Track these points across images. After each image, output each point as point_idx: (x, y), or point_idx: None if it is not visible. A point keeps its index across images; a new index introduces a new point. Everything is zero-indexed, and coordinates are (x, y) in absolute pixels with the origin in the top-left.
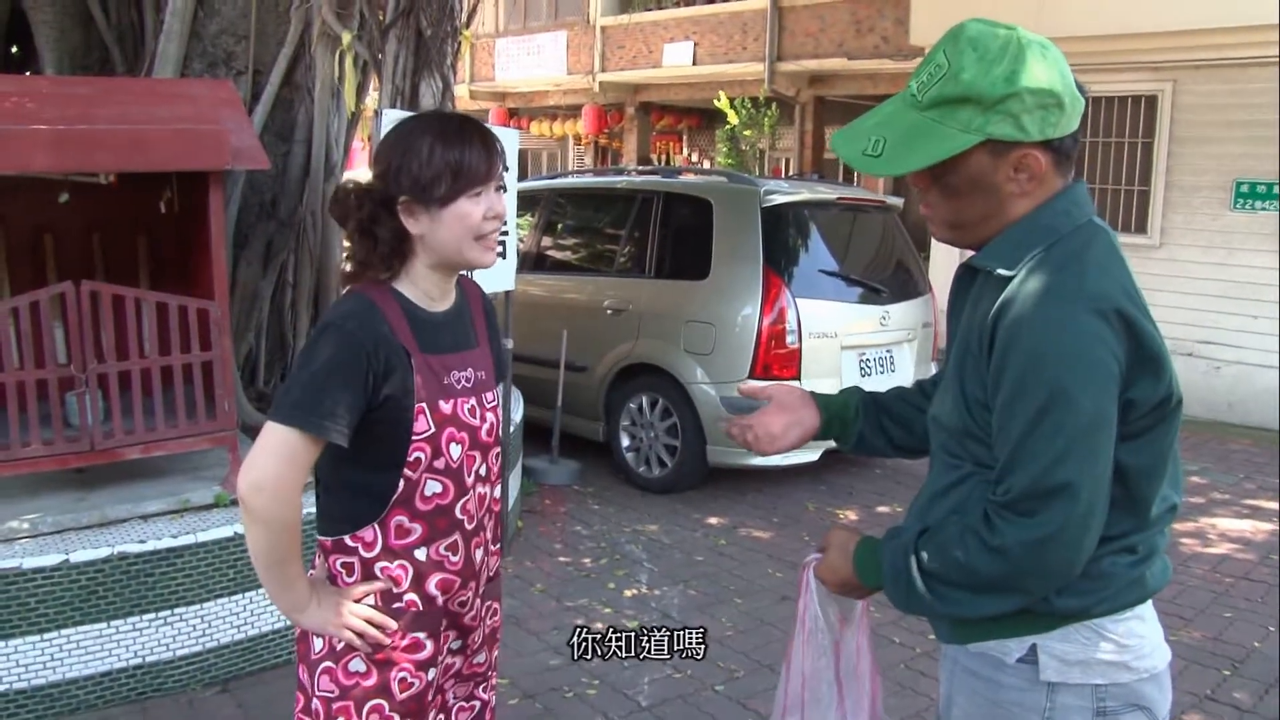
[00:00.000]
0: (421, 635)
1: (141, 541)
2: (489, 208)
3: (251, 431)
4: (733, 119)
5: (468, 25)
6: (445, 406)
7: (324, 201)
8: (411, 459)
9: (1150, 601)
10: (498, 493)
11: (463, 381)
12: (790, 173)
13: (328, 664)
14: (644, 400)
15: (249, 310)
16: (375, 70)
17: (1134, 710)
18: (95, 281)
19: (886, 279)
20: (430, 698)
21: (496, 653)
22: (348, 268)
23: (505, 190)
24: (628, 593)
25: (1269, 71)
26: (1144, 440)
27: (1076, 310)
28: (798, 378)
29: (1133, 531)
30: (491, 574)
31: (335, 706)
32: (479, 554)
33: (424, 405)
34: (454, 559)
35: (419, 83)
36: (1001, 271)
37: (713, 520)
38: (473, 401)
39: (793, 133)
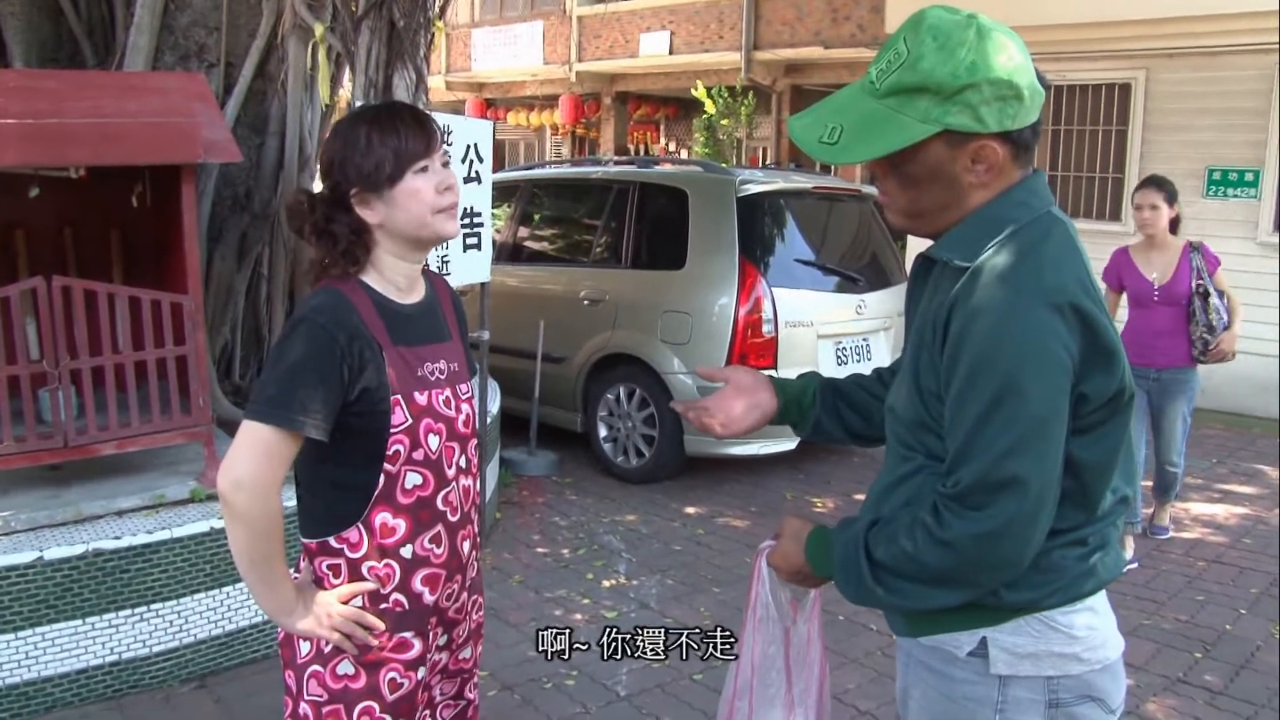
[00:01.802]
0: (409, 635)
1: (117, 538)
2: (439, 180)
3: (227, 426)
4: (710, 108)
5: (440, 16)
6: (420, 398)
7: None
8: (390, 451)
9: (1103, 593)
10: (478, 485)
11: (436, 373)
12: (767, 162)
13: (315, 667)
14: (621, 390)
15: (224, 304)
16: (348, 62)
17: (1087, 701)
18: (67, 277)
19: (862, 268)
20: (420, 695)
21: (480, 649)
22: (311, 271)
23: (486, 177)
24: (606, 583)
25: (1241, 59)
26: (1097, 435)
27: (1031, 303)
28: (774, 367)
29: (1083, 525)
30: (479, 569)
31: (325, 710)
32: (465, 546)
33: (399, 397)
34: (439, 551)
35: (392, 74)
36: (957, 262)
37: (691, 510)
38: (447, 393)
39: (770, 122)
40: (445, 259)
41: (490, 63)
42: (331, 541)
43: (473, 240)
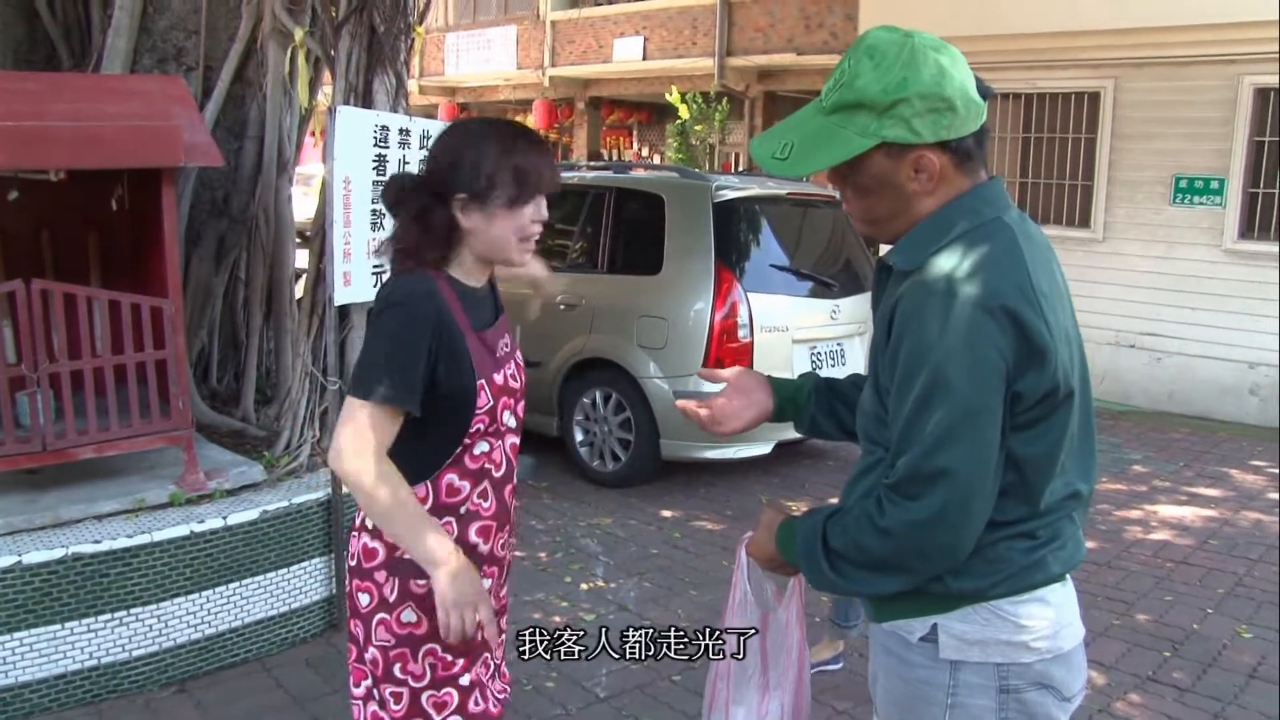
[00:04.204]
0: None
1: (96, 542)
2: (535, 211)
3: (205, 431)
4: (684, 114)
5: (421, 21)
6: (498, 378)
7: (277, 198)
8: (473, 430)
9: (1061, 584)
10: (518, 437)
11: (503, 349)
12: (740, 168)
13: (382, 615)
14: (597, 395)
15: (201, 308)
16: (328, 66)
17: (1039, 689)
18: (46, 280)
19: (836, 273)
20: (477, 636)
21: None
22: (396, 249)
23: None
24: (584, 586)
25: (1207, 69)
26: (1036, 431)
27: (964, 305)
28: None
29: (1028, 518)
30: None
31: (393, 654)
32: (508, 496)
33: (483, 381)
34: (486, 505)
35: (372, 79)
36: (902, 266)
37: (667, 513)
38: (512, 366)
39: (743, 128)
40: None
41: (463, 67)
42: None
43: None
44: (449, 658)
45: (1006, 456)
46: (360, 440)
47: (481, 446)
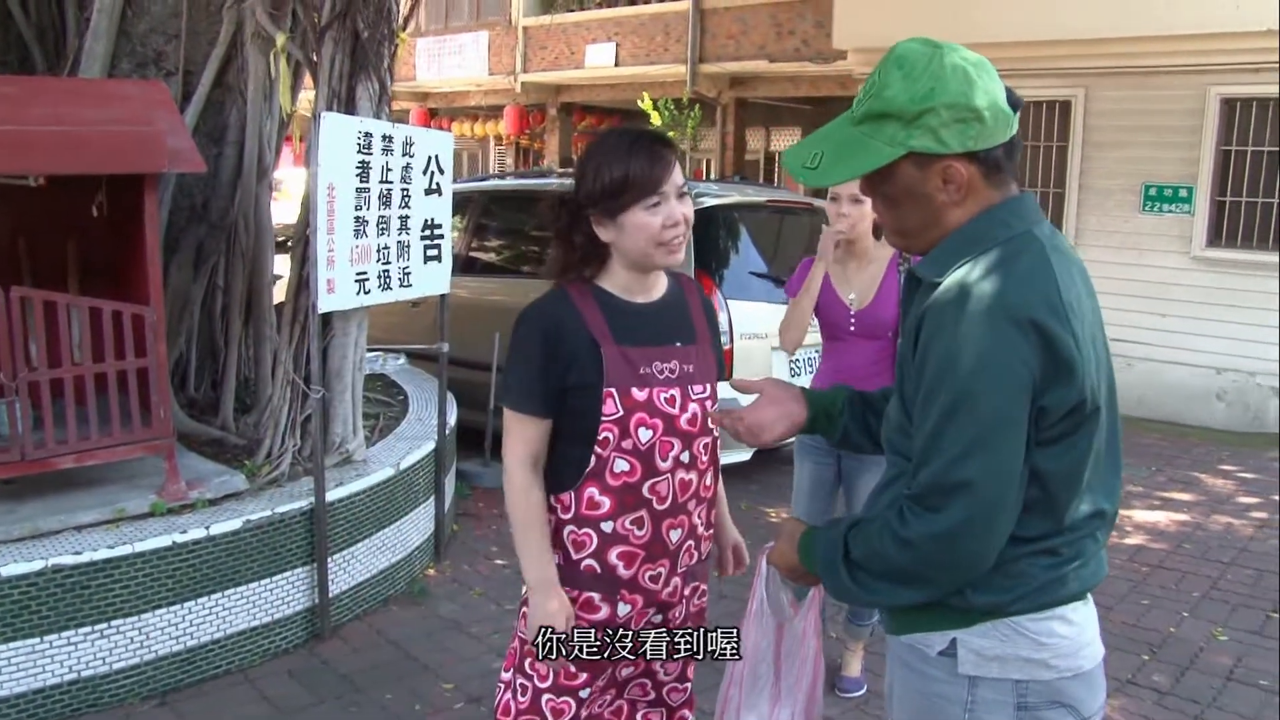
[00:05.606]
0: (595, 596)
1: (76, 553)
2: (668, 215)
3: (184, 439)
4: (656, 120)
5: (404, 28)
6: (639, 394)
7: (256, 204)
8: (600, 438)
9: (1083, 603)
10: (709, 480)
11: (665, 372)
12: (712, 174)
13: (524, 609)
14: None
15: (180, 315)
16: (310, 72)
17: (1057, 707)
18: (25, 287)
19: None
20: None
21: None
22: (551, 266)
23: (447, 188)
24: None
25: (1176, 79)
26: (1061, 446)
27: (992, 318)
28: (729, 378)
29: (1051, 535)
30: (702, 557)
31: (526, 648)
32: (675, 535)
33: (613, 390)
34: (639, 533)
35: (355, 85)
36: (930, 278)
37: None
38: (674, 391)
39: (714, 134)
40: (407, 271)
41: (435, 72)
42: (551, 499)
43: (433, 252)
44: (571, 668)
45: (1031, 471)
46: (510, 451)
47: (620, 465)
